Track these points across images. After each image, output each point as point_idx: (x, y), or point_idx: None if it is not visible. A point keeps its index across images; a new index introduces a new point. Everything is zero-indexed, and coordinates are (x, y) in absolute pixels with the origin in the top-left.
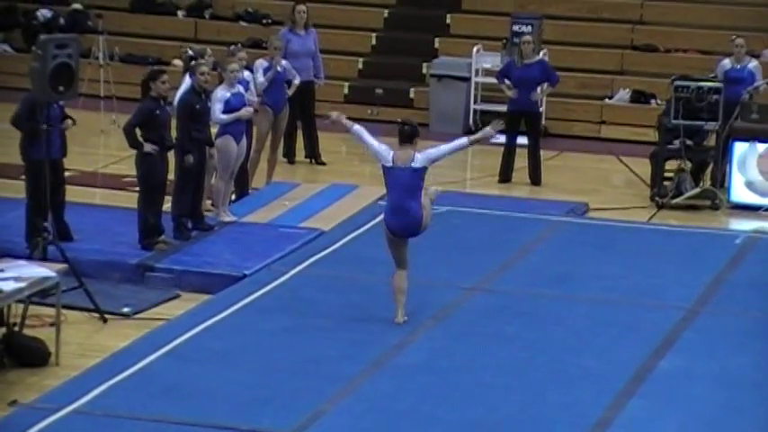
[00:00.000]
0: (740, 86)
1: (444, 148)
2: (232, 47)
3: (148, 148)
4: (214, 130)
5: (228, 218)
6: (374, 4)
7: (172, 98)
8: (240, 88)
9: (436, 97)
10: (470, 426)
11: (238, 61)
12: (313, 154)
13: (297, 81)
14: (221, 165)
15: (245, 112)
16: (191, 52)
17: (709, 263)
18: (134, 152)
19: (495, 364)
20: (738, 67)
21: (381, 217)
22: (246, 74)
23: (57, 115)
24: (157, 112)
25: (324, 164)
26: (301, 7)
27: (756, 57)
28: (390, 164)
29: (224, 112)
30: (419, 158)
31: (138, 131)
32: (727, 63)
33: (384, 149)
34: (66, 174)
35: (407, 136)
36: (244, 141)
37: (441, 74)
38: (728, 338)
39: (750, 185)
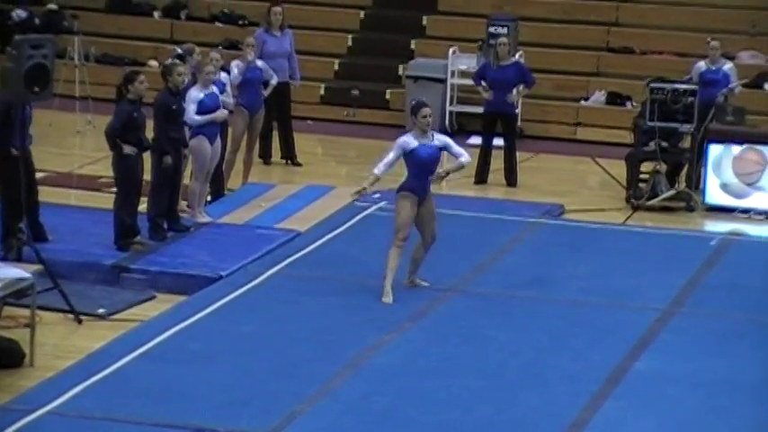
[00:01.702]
0: (715, 88)
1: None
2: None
3: (128, 150)
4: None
5: (204, 219)
6: (350, 5)
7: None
8: (214, 89)
9: (412, 98)
10: (446, 427)
11: (213, 62)
12: (289, 155)
13: (274, 81)
14: (196, 166)
15: (220, 114)
16: (179, 51)
17: (685, 264)
18: (110, 153)
19: (472, 366)
20: (714, 68)
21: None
22: (223, 75)
23: (29, 116)
24: (135, 114)
25: (300, 165)
26: (277, 8)
27: (731, 59)
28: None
29: (198, 112)
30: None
31: None
32: (702, 65)
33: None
34: (42, 174)
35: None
36: (218, 142)
37: (417, 75)
38: (704, 340)
39: (725, 187)
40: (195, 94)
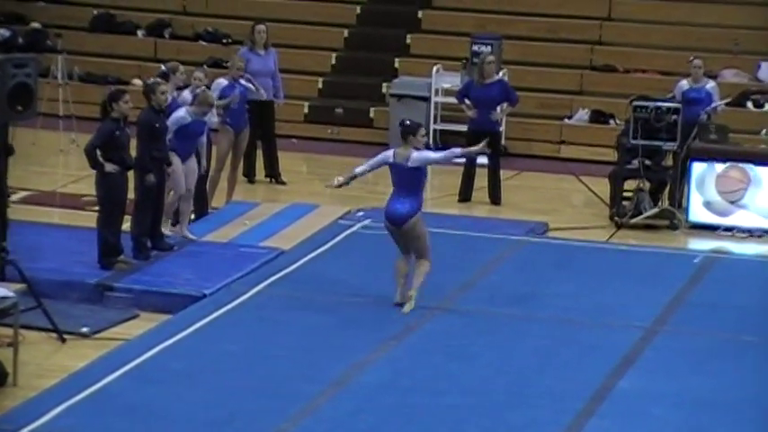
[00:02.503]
0: (698, 107)
1: (438, 155)
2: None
3: (110, 168)
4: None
5: (189, 237)
6: (334, 23)
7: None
8: (207, 118)
9: (396, 117)
10: None
11: (197, 81)
12: (273, 173)
13: (261, 95)
14: (172, 183)
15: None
16: (163, 68)
17: (668, 282)
18: (93, 171)
19: (457, 384)
20: (696, 87)
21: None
22: None
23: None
24: (117, 132)
25: (284, 183)
26: (261, 27)
27: (714, 77)
28: (392, 160)
29: (178, 132)
30: (414, 158)
31: (98, 152)
32: (684, 84)
33: (383, 156)
34: (25, 193)
35: (405, 133)
36: (193, 161)
37: (400, 93)
38: (687, 358)
39: (708, 205)
40: (182, 114)
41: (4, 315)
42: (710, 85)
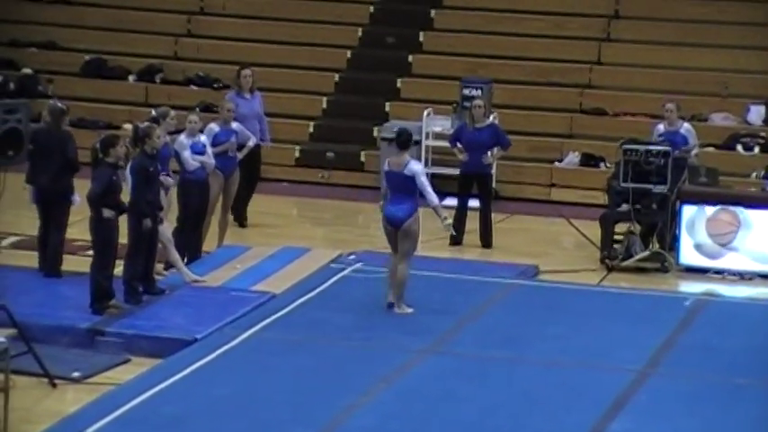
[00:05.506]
0: (674, 150)
1: (425, 187)
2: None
3: (107, 213)
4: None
5: (196, 278)
6: (325, 68)
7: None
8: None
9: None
10: None
11: (191, 124)
12: (239, 216)
13: (251, 143)
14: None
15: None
16: (154, 113)
17: (660, 325)
18: (84, 217)
19: (447, 427)
20: (671, 130)
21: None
22: (203, 137)
23: None
24: (114, 177)
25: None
26: (246, 71)
27: (704, 120)
28: (387, 168)
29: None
30: (411, 169)
31: None
32: (661, 127)
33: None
34: (16, 238)
35: (403, 143)
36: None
37: (391, 137)
38: (679, 401)
39: (699, 248)
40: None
41: None
42: (685, 127)
